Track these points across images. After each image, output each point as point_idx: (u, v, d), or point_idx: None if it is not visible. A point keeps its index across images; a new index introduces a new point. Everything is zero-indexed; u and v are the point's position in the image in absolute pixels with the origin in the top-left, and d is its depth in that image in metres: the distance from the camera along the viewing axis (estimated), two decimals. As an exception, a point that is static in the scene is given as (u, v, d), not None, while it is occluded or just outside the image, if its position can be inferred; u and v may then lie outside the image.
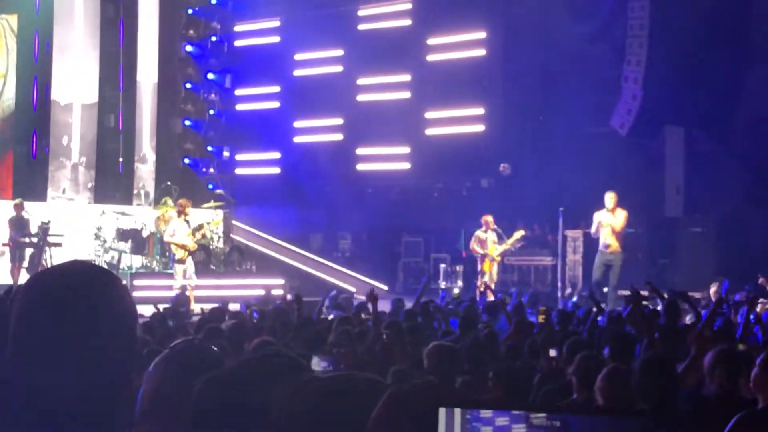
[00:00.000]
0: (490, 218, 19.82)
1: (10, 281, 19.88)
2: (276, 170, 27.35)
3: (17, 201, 20.38)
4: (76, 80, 24.65)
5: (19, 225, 20.06)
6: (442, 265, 22.88)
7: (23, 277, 19.82)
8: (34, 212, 20.54)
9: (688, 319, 11.18)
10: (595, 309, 11.51)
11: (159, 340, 9.11)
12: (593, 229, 17.53)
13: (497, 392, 6.45)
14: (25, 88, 24.49)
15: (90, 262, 2.65)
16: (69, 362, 1.97)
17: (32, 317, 2.02)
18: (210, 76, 27.90)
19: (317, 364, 5.89)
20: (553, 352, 8.54)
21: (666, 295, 11.09)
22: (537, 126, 22.08)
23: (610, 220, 17.23)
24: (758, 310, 13.58)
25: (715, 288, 15.43)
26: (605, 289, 17.11)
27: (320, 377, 2.45)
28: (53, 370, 1.96)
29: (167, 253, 20.36)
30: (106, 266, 21.01)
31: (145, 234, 21.84)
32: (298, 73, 26.79)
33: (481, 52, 23.58)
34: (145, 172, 26.35)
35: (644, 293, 11.05)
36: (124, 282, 2.18)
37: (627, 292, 15.44)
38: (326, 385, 2.36)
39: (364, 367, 7.74)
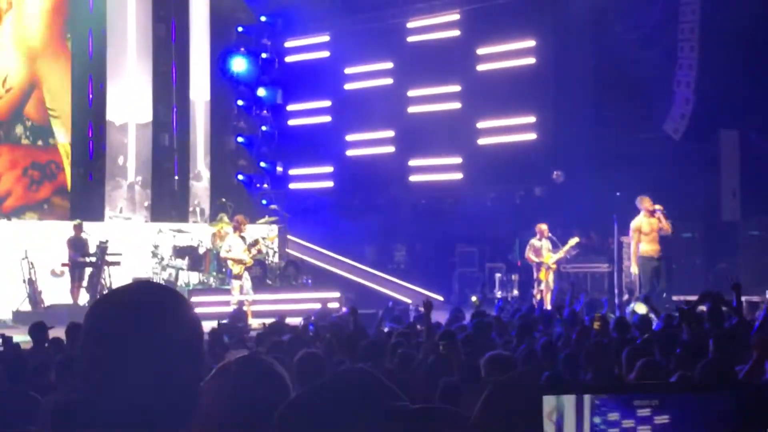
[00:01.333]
0: (544, 226, 19.76)
1: (70, 301, 20.18)
2: (329, 184, 27.47)
3: (76, 222, 20.69)
4: (130, 100, 24.98)
5: (78, 245, 20.35)
6: (498, 275, 22.82)
7: (83, 297, 20.13)
8: (92, 232, 20.82)
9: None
10: (653, 315, 11.43)
11: (215, 356, 9.19)
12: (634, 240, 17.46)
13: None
14: (83, 114, 24.86)
15: (154, 281, 2.69)
16: (137, 381, 1.98)
17: (100, 336, 2.04)
18: (261, 92, 28.12)
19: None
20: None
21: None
22: (589, 132, 21.91)
23: (654, 224, 17.20)
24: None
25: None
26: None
27: (407, 408, 2.44)
28: (121, 390, 1.98)
29: (224, 269, 20.54)
30: (164, 284, 21.30)
31: (201, 251, 22.04)
32: (348, 86, 26.88)
33: (531, 60, 23.50)
34: (200, 189, 26.62)
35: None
36: (188, 299, 2.20)
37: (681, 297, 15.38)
38: (412, 416, 2.37)
39: (418, 379, 7.76)
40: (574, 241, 19.53)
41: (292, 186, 28.30)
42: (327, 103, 27.56)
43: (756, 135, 20.45)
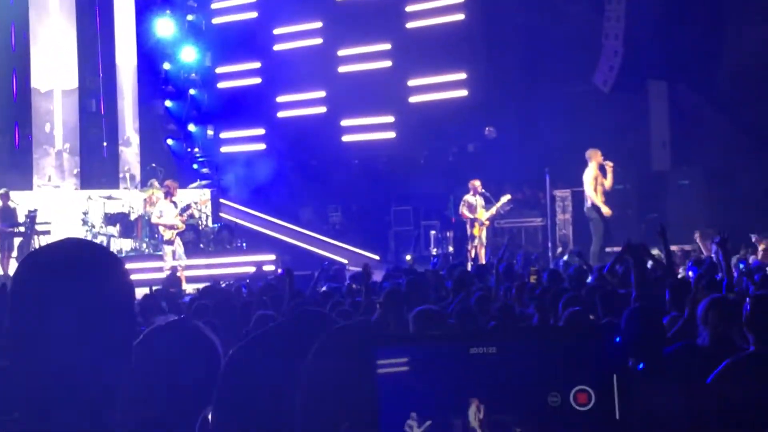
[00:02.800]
0: (477, 183, 19.79)
1: (0, 271, 19.85)
2: (261, 146, 27.24)
3: (2, 191, 20.28)
4: (55, 67, 24.49)
5: (5, 215, 19.99)
6: (432, 232, 22.87)
7: (12, 267, 19.78)
8: (21, 201, 20.46)
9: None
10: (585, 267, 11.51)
11: (148, 322, 9.07)
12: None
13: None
14: (5, 79, 24.33)
15: (85, 239, 2.60)
16: (67, 338, 1.91)
17: (28, 293, 1.96)
18: (188, 55, 27.71)
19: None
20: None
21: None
22: (520, 87, 21.97)
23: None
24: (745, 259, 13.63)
25: (705, 241, 15.44)
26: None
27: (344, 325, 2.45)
28: (52, 348, 1.91)
29: (156, 235, 20.31)
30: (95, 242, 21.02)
31: (133, 217, 21.77)
32: (278, 47, 26.63)
33: (460, 16, 23.45)
34: (130, 155, 26.26)
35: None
36: (120, 258, 2.11)
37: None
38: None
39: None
40: (506, 198, 19.59)
41: (224, 149, 28.03)
42: (257, 65, 27.28)
43: (684, 85, 20.64)
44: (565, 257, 16.76)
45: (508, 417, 2.11)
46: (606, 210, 17.20)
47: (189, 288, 17.25)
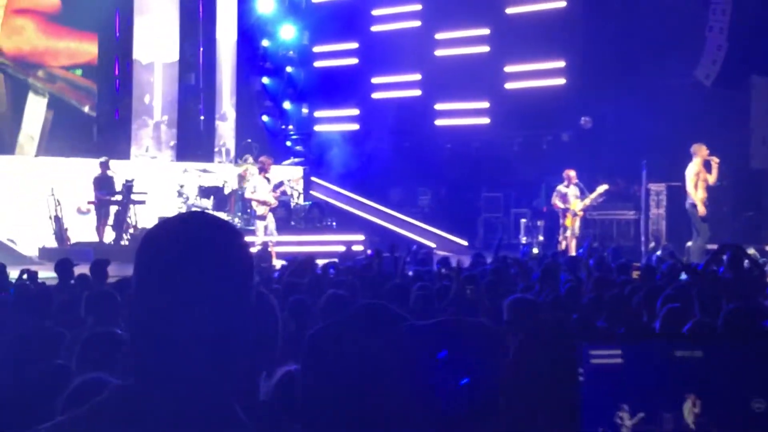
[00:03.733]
0: (572, 173, 19.61)
1: (96, 238, 20.28)
2: (355, 127, 27.34)
3: (102, 159, 20.69)
4: (157, 39, 24.88)
5: (104, 183, 20.38)
6: (523, 220, 22.74)
7: (108, 235, 20.22)
8: (118, 170, 20.85)
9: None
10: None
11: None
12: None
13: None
14: (108, 50, 24.81)
15: (207, 212, 2.67)
16: (194, 309, 1.96)
17: (155, 265, 2.01)
18: (287, 32, 27.91)
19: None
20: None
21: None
22: (618, 78, 21.67)
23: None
24: None
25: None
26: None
27: (426, 323, 2.45)
28: (178, 313, 1.96)
29: (248, 210, 20.56)
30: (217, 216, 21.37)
31: (226, 191, 22.06)
32: (375, 28, 26.67)
33: (562, 3, 23.24)
34: (226, 129, 26.59)
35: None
36: (239, 229, 2.17)
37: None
38: (434, 329, 2.37)
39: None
40: (602, 188, 19.37)
41: (317, 128, 28.21)
42: (354, 45, 27.36)
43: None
44: (658, 252, 16.54)
45: (714, 419, 2.19)
46: (701, 209, 16.90)
47: (278, 264, 17.44)
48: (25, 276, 10.73)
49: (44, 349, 6.16)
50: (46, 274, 12.06)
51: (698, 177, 17.16)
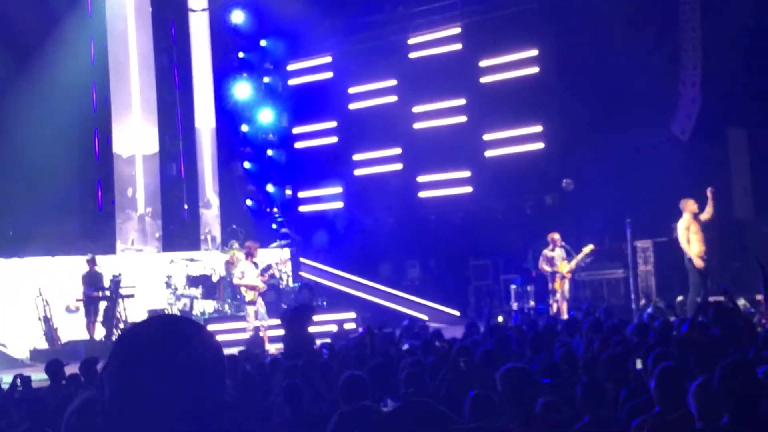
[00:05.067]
0: (556, 236, 19.68)
1: (86, 336, 20.15)
2: (339, 204, 27.42)
3: (89, 256, 20.64)
4: (136, 132, 25.00)
5: (92, 280, 20.32)
6: (513, 286, 22.71)
7: (99, 332, 20.10)
8: (105, 265, 20.80)
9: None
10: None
11: (236, 384, 9.14)
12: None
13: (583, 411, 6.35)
14: (88, 144, 24.86)
15: (168, 313, 2.69)
16: (162, 408, 2.00)
17: (123, 369, 2.06)
18: (266, 117, 28.13)
19: (390, 405, 5.87)
20: (639, 364, 8.43)
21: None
22: (596, 138, 21.83)
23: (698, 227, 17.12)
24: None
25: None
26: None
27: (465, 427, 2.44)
28: (149, 418, 1.99)
29: (238, 296, 20.51)
30: (179, 314, 21.27)
31: (215, 279, 22.02)
32: (353, 106, 26.88)
33: (534, 69, 23.48)
34: (210, 217, 26.64)
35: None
36: (204, 326, 2.21)
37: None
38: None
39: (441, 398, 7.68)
40: (588, 248, 19.44)
41: (302, 209, 28.27)
42: (333, 124, 27.55)
43: (764, 131, 20.35)
44: (649, 309, 16.52)
45: None
46: (698, 263, 16.99)
47: (272, 348, 17.36)
48: (18, 381, 10.65)
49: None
50: (39, 375, 11.97)
51: (689, 231, 17.25)
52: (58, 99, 22.81)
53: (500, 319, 19.84)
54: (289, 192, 28.63)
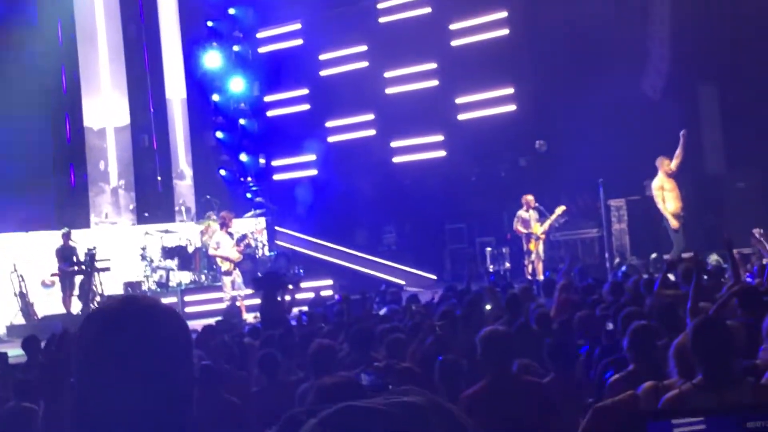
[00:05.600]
0: (530, 197, 19.77)
1: (63, 310, 20.11)
2: (313, 172, 27.36)
3: (64, 231, 20.56)
4: (106, 105, 24.85)
5: (67, 254, 20.25)
6: (488, 249, 22.80)
7: (75, 305, 20.06)
8: (80, 239, 20.72)
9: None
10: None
11: (214, 354, 9.17)
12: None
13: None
14: (59, 120, 24.68)
15: (137, 294, 2.71)
16: (130, 390, 2.02)
17: (91, 349, 2.08)
18: (237, 86, 27.98)
19: (364, 379, 5.87)
20: (609, 326, 8.51)
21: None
22: (568, 98, 21.83)
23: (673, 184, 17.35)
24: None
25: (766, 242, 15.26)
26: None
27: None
28: (116, 400, 2.02)
29: (214, 267, 20.50)
30: (155, 285, 21.27)
31: (190, 250, 21.99)
32: (324, 73, 26.77)
33: (505, 31, 23.45)
34: (184, 188, 26.55)
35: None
36: (173, 308, 2.24)
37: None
38: None
39: (417, 366, 7.72)
40: (560, 209, 19.54)
41: (276, 177, 28.19)
42: (304, 92, 27.44)
43: (734, 88, 20.40)
44: (623, 268, 16.64)
45: None
46: (673, 222, 17.21)
47: (249, 317, 17.39)
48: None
49: (20, 428, 6.16)
50: (16, 351, 11.96)
51: (663, 190, 17.41)
52: (27, 73, 22.66)
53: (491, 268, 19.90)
54: (262, 161, 28.54)
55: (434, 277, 23.12)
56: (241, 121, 28.33)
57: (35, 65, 23.29)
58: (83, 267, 20.12)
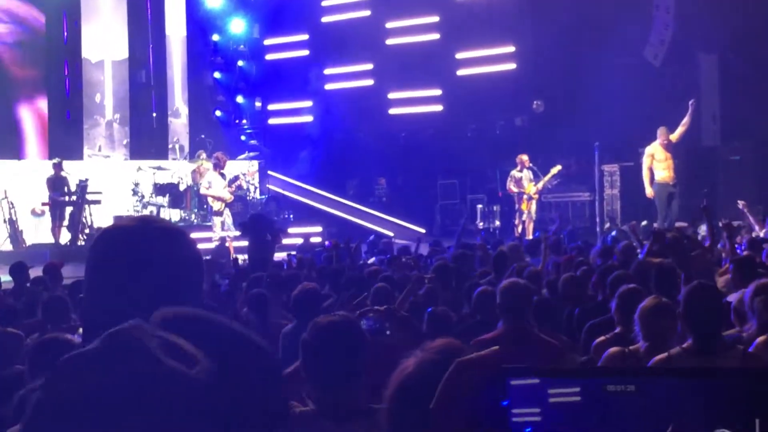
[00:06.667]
0: (525, 157, 19.77)
1: (51, 240, 20.11)
2: (309, 118, 27.28)
3: (55, 160, 20.51)
4: (105, 37, 24.68)
5: (58, 184, 20.22)
6: (479, 206, 22.84)
7: (64, 236, 20.07)
8: (72, 171, 20.67)
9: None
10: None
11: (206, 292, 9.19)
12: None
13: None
14: (58, 51, 24.50)
15: (156, 216, 2.72)
16: (141, 308, 2.01)
17: (104, 269, 2.08)
18: (237, 26, 27.76)
19: (363, 323, 5.90)
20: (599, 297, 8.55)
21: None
22: (568, 61, 21.78)
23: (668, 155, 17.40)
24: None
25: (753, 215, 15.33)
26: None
27: None
28: (128, 313, 2.01)
29: (205, 206, 20.50)
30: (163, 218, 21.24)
31: (182, 188, 21.96)
32: (326, 19, 26.61)
33: (510, -11, 23.33)
34: (179, 126, 26.47)
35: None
36: (187, 232, 2.24)
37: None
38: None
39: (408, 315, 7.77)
40: (556, 169, 19.53)
41: (272, 121, 28.12)
42: (304, 37, 27.29)
43: (735, 58, 20.37)
44: (613, 233, 16.70)
45: None
46: (648, 191, 17.37)
47: (238, 258, 17.41)
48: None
49: (4, 354, 6.16)
50: (3, 277, 11.98)
51: (652, 158, 17.46)
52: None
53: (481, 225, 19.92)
54: (258, 104, 28.42)
55: (423, 230, 23.16)
56: (240, 63, 28.17)
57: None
58: (74, 198, 20.10)
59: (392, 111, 25.74)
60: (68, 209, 20.25)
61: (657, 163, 17.58)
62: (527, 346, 5.95)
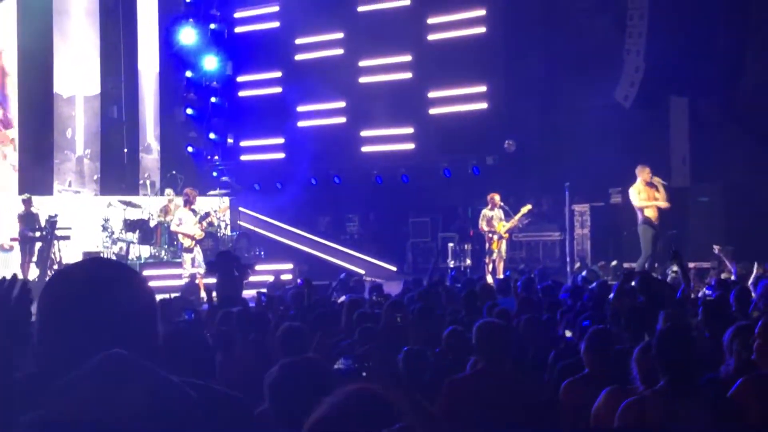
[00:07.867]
0: (496, 196, 19.82)
1: (20, 276, 19.89)
2: (281, 155, 27.30)
3: (25, 196, 20.38)
4: (77, 72, 24.61)
5: (27, 220, 20.07)
6: (450, 244, 22.86)
7: (33, 272, 19.89)
8: (41, 206, 20.54)
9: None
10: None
11: (171, 332, 9.11)
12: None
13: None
14: (29, 84, 24.37)
15: (104, 257, 2.70)
16: (93, 348, 1.98)
17: (55, 312, 2.08)
18: (210, 63, 27.80)
19: (341, 363, 5.86)
20: (568, 333, 8.55)
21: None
22: (540, 101, 21.96)
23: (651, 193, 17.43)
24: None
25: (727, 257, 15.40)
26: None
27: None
28: (79, 357, 1.99)
29: (175, 242, 20.40)
30: (114, 258, 21.10)
31: (152, 224, 21.83)
32: (299, 57, 26.72)
33: (482, 29, 23.50)
34: (150, 162, 26.38)
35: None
36: (140, 272, 2.23)
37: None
38: None
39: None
40: (526, 208, 19.58)
41: (244, 158, 28.11)
42: (278, 74, 27.37)
43: (705, 101, 20.58)
44: (584, 273, 16.74)
45: None
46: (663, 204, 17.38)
47: (212, 293, 17.29)
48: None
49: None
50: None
51: (640, 195, 17.53)
52: None
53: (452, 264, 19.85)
54: (230, 140, 28.43)
55: (394, 268, 23.16)
56: (212, 99, 28.19)
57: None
58: (44, 233, 19.95)
59: (364, 149, 25.80)
60: (37, 245, 20.09)
61: (643, 202, 17.63)
62: (504, 382, 5.96)
